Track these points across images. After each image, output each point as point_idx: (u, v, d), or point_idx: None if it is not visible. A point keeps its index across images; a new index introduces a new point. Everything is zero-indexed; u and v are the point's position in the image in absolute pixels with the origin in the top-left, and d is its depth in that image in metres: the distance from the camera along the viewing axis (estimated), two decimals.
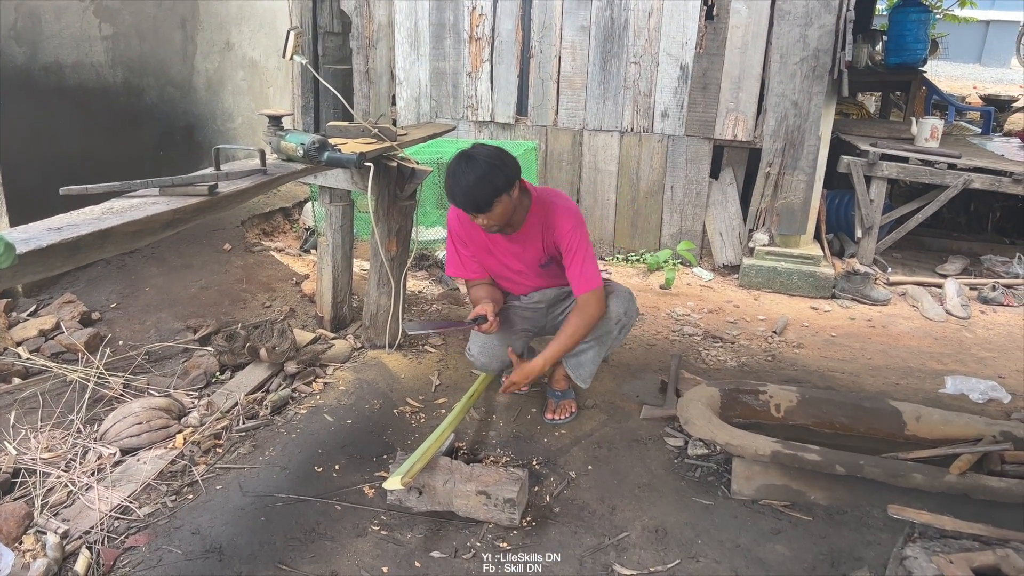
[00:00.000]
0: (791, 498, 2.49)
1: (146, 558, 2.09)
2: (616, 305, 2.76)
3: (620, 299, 2.79)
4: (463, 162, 2.42)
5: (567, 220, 2.63)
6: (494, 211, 2.46)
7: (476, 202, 2.42)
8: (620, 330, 2.82)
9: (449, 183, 2.45)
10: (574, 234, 2.62)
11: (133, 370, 3.05)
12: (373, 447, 2.74)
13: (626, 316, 2.80)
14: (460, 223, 2.73)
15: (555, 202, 2.66)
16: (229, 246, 4.31)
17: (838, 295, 4.59)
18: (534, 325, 2.91)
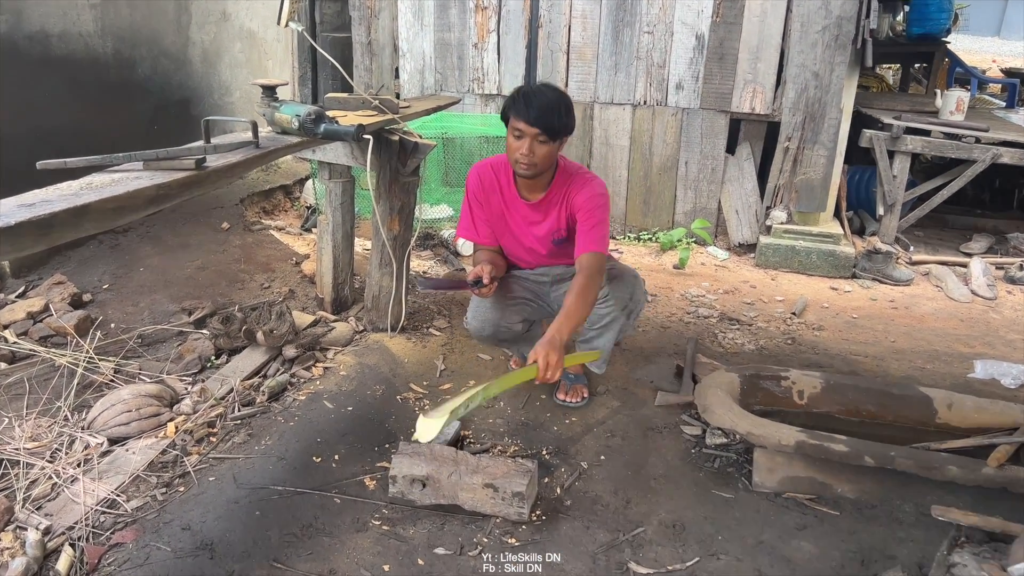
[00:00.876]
0: (817, 491, 2.35)
1: (132, 556, 1.97)
2: (622, 291, 2.62)
3: (625, 284, 2.64)
4: (542, 85, 2.45)
5: (589, 189, 2.55)
6: (552, 144, 2.39)
7: (551, 119, 2.34)
8: (629, 315, 2.67)
9: (525, 95, 2.36)
10: (593, 202, 2.53)
11: (125, 354, 2.92)
12: (375, 435, 2.60)
13: (632, 301, 2.64)
14: (482, 185, 2.64)
15: (582, 173, 2.61)
16: (227, 225, 4.17)
17: (859, 275, 4.42)
18: (534, 297, 2.76)
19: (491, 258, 2.67)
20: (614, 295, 2.60)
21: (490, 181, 2.63)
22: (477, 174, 2.66)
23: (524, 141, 2.37)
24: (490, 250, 2.73)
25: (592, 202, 2.53)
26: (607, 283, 2.60)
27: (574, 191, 2.55)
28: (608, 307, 2.60)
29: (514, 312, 2.70)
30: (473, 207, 2.68)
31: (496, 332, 2.71)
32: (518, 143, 2.39)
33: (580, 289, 2.37)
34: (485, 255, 2.69)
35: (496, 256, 2.72)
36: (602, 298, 2.59)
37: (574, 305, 2.36)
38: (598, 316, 2.62)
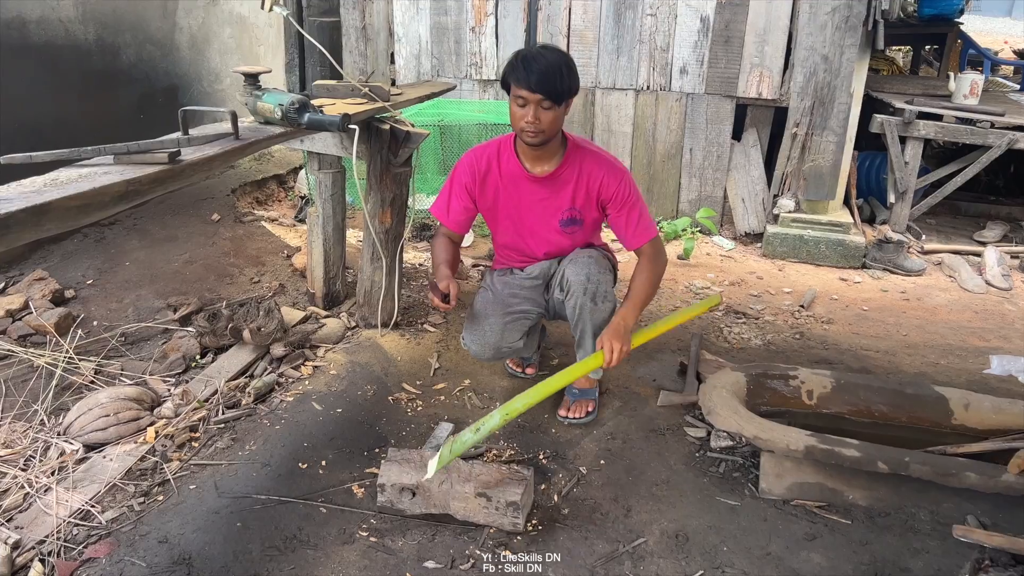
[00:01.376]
0: (827, 498, 2.24)
1: (106, 572, 1.87)
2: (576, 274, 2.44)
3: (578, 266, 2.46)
4: (541, 47, 2.28)
5: (614, 174, 2.43)
6: (557, 108, 2.26)
7: (554, 83, 2.20)
8: (595, 298, 2.43)
9: (524, 59, 2.21)
10: (626, 190, 2.43)
11: (107, 354, 2.82)
12: (364, 439, 2.50)
13: (591, 282, 2.42)
14: (472, 171, 2.50)
15: (594, 151, 2.47)
16: (218, 216, 4.05)
17: (869, 265, 4.28)
18: (532, 305, 2.61)
19: (449, 257, 2.51)
20: (572, 280, 2.45)
21: (485, 164, 2.48)
22: (469, 160, 2.52)
23: (528, 109, 2.23)
24: (452, 237, 2.59)
25: (625, 190, 2.43)
26: (565, 267, 2.48)
27: (592, 172, 2.42)
28: (573, 297, 2.45)
29: (514, 330, 2.53)
30: (454, 189, 2.53)
31: (497, 354, 2.57)
32: (522, 111, 2.25)
33: (644, 271, 2.43)
34: (444, 251, 2.52)
35: (454, 252, 2.58)
36: (565, 288, 2.47)
37: (639, 287, 2.41)
38: (570, 311, 2.48)
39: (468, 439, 2.12)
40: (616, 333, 2.31)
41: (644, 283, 2.44)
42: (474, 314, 2.58)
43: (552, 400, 2.73)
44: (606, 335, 2.31)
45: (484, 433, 2.13)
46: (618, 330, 2.32)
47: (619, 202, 2.44)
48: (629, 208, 2.45)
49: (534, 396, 2.20)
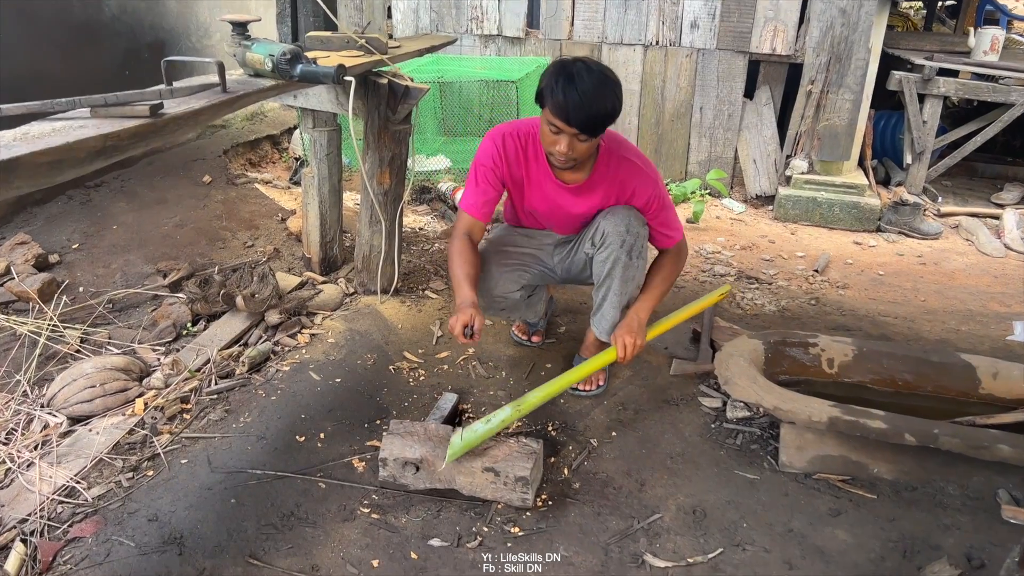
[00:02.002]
0: (850, 471, 2.13)
1: (92, 552, 1.77)
2: (615, 223, 2.25)
3: (618, 216, 2.27)
4: (584, 66, 1.98)
5: (647, 183, 2.27)
6: (594, 140, 2.06)
7: (594, 118, 1.98)
8: (630, 253, 2.27)
9: (564, 86, 1.95)
10: (655, 197, 2.29)
11: (93, 321, 2.69)
12: (365, 411, 2.38)
13: (629, 233, 2.25)
14: (504, 156, 2.25)
15: (631, 160, 2.26)
16: (209, 178, 3.89)
17: (884, 228, 4.15)
18: (534, 261, 2.48)
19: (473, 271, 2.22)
20: (609, 231, 2.27)
21: (513, 154, 2.25)
22: (495, 145, 2.25)
23: (562, 138, 2.03)
24: (474, 235, 2.31)
25: (657, 197, 2.28)
26: (600, 220, 2.30)
27: (626, 181, 2.25)
28: (607, 249, 2.28)
29: (510, 280, 2.42)
30: (480, 178, 2.29)
31: (490, 304, 2.43)
32: (555, 138, 2.04)
33: (664, 267, 2.36)
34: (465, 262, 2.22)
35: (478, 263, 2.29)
36: (599, 242, 2.31)
37: (658, 282, 2.35)
38: (599, 266, 2.32)
39: (480, 430, 2.01)
40: (630, 328, 2.24)
41: (663, 279, 2.36)
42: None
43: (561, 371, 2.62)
44: (620, 330, 2.25)
45: (496, 425, 2.03)
46: (632, 325, 2.25)
47: (651, 211, 2.31)
48: (659, 212, 2.32)
49: (547, 391, 2.13)
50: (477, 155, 2.30)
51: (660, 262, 2.39)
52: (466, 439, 1.98)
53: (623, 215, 2.27)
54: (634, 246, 2.28)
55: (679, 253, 2.40)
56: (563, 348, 2.79)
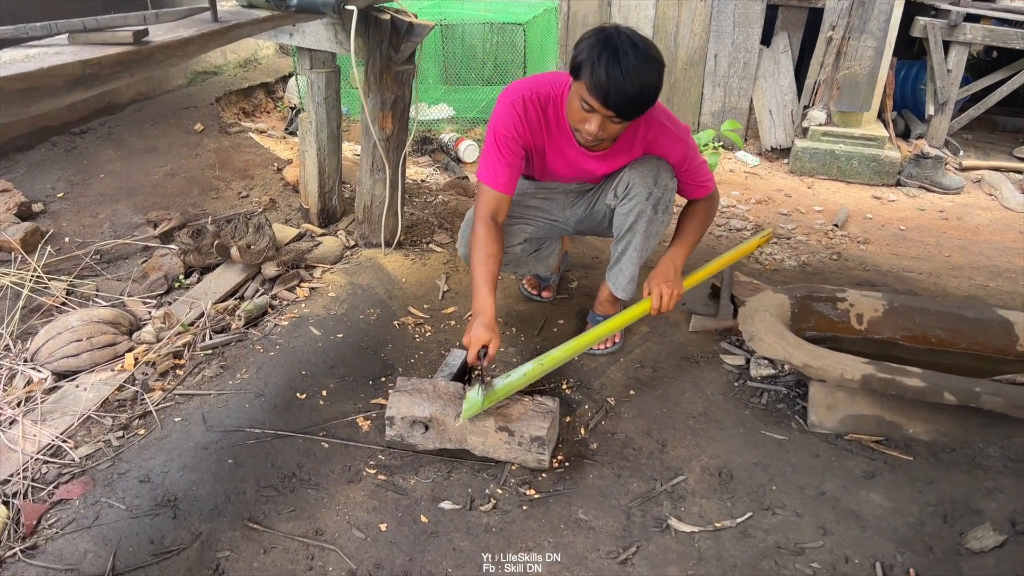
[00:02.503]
0: (884, 432, 2.02)
1: (79, 515, 1.65)
2: (643, 174, 2.09)
3: (646, 166, 2.10)
4: (630, 40, 1.76)
5: (678, 145, 2.10)
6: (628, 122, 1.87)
7: (635, 104, 1.78)
8: (656, 207, 2.13)
9: (607, 64, 1.73)
10: (686, 158, 2.13)
11: (79, 273, 2.54)
12: (369, 367, 2.26)
13: (658, 186, 2.10)
14: (525, 121, 2.03)
15: (661, 121, 2.05)
16: (201, 126, 3.71)
17: (903, 182, 3.99)
18: (542, 211, 2.33)
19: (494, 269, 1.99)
20: (635, 181, 2.11)
21: (535, 117, 2.03)
22: (519, 108, 2.01)
23: (594, 118, 1.83)
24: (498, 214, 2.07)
25: (689, 155, 2.12)
26: (626, 171, 2.14)
27: (655, 140, 2.07)
28: (631, 201, 2.13)
29: (511, 233, 2.25)
30: (501, 147, 2.04)
31: None
32: (585, 115, 1.84)
33: (698, 214, 2.22)
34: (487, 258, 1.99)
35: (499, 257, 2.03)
36: (622, 194, 2.15)
37: (691, 229, 2.20)
38: (621, 219, 2.18)
39: (499, 387, 1.89)
40: (665, 277, 2.10)
41: (696, 225, 2.22)
42: (468, 216, 2.31)
43: (573, 329, 2.50)
44: (655, 280, 2.10)
45: (516, 382, 1.91)
46: (667, 274, 2.10)
47: (682, 169, 2.15)
48: (690, 169, 2.16)
49: (572, 347, 2.02)
50: (494, 121, 2.06)
51: (693, 209, 2.24)
52: (484, 396, 1.85)
53: (651, 166, 2.11)
54: (661, 200, 2.12)
55: (712, 201, 2.25)
56: (576, 304, 2.65)
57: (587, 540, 1.69)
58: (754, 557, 1.66)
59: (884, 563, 1.64)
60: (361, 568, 1.60)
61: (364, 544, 1.65)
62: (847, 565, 1.64)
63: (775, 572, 1.62)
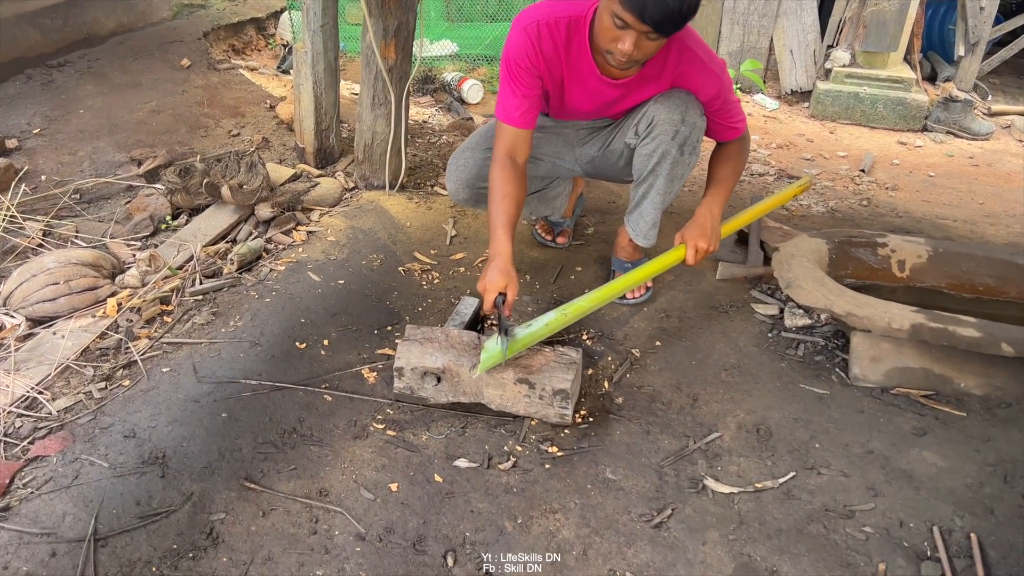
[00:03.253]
0: (933, 386, 1.87)
1: (57, 473, 1.49)
2: (669, 110, 1.88)
3: (674, 101, 1.89)
4: None
5: (712, 79, 1.87)
6: (664, 39, 1.65)
7: (674, 17, 1.56)
8: (683, 148, 1.93)
9: None
10: (719, 96, 1.91)
11: (57, 213, 2.35)
12: (373, 315, 2.09)
13: (685, 124, 1.89)
14: (539, 51, 1.82)
15: (693, 50, 1.83)
16: (188, 62, 3.47)
17: (930, 127, 3.80)
18: (549, 150, 2.15)
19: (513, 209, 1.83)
20: (660, 118, 1.90)
21: (550, 46, 1.82)
22: (533, 35, 1.81)
23: (627, 35, 1.61)
24: (517, 154, 1.89)
25: (723, 91, 1.90)
26: (650, 105, 1.93)
27: (685, 74, 1.86)
28: (654, 140, 1.92)
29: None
30: (515, 78, 1.85)
31: (473, 195, 2.08)
32: (617, 32, 1.62)
33: (731, 158, 2.01)
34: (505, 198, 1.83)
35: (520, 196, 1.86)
36: (644, 131, 1.94)
37: (726, 175, 1.99)
38: (643, 159, 1.97)
39: (522, 337, 1.72)
40: (702, 230, 1.91)
41: (732, 169, 2.01)
42: (461, 146, 2.12)
43: (592, 276, 2.33)
44: (690, 231, 1.91)
45: (538, 332, 1.74)
46: (704, 226, 1.91)
47: (714, 108, 1.93)
48: (723, 108, 1.94)
49: (599, 296, 1.84)
50: (507, 49, 1.85)
51: (725, 152, 2.02)
52: (506, 345, 1.69)
53: (679, 101, 1.89)
54: (688, 139, 1.92)
55: (745, 142, 2.05)
56: (593, 250, 2.48)
57: (617, 501, 1.55)
58: (800, 520, 1.51)
59: (942, 527, 1.50)
60: (371, 531, 1.45)
61: (373, 505, 1.50)
62: (902, 529, 1.50)
63: (824, 537, 1.48)
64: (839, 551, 1.45)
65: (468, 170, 2.06)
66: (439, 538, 1.44)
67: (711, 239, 1.90)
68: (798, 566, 1.42)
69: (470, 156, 2.07)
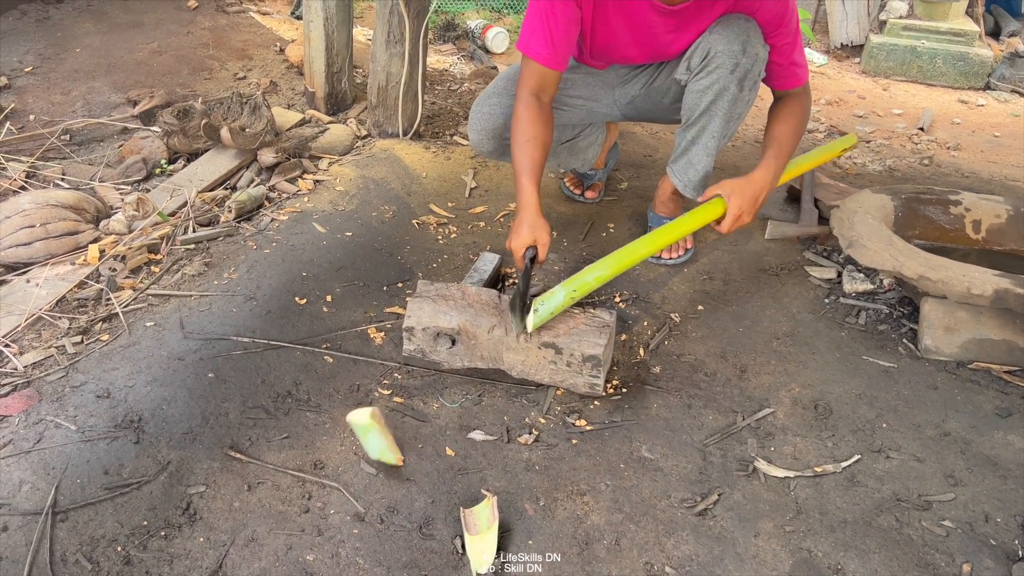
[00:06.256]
0: (1018, 361, 1.63)
1: (17, 436, 1.32)
2: (729, 40, 1.64)
3: (733, 29, 1.65)
4: None
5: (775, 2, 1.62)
6: None
7: None
8: (742, 84, 1.69)
9: None
10: (782, 15, 1.66)
11: (44, 155, 2.16)
12: (383, 271, 1.88)
13: (746, 56, 1.65)
14: None
15: None
16: (195, 3, 3.26)
17: (994, 86, 3.50)
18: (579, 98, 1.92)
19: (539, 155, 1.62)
20: (718, 49, 1.65)
21: None
22: None
23: None
24: (544, 94, 1.68)
25: (783, 18, 1.66)
26: (704, 36, 1.69)
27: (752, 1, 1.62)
28: (711, 75, 1.68)
29: None
30: (554, 6, 1.62)
31: (499, 145, 1.85)
32: None
33: (792, 117, 1.75)
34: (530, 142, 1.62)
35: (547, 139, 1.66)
36: (699, 65, 1.70)
37: (787, 137, 1.72)
38: (696, 96, 1.73)
39: (560, 297, 1.50)
40: (754, 197, 1.65)
41: (793, 130, 1.74)
42: (485, 91, 1.89)
43: (625, 234, 2.10)
44: (736, 191, 1.64)
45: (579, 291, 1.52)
46: (754, 194, 1.65)
47: (776, 33, 1.67)
48: (786, 40, 1.69)
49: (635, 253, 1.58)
50: None
51: (788, 107, 1.75)
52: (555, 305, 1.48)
53: (739, 29, 1.64)
54: (749, 73, 1.67)
55: (807, 97, 1.79)
56: (627, 206, 2.25)
57: (654, 484, 1.34)
58: (868, 511, 1.30)
59: None
60: (371, 511, 1.26)
61: (374, 482, 1.31)
62: (987, 524, 1.28)
63: (896, 531, 1.27)
64: (915, 548, 1.24)
65: (494, 118, 1.83)
66: (449, 520, 1.25)
67: (753, 208, 1.66)
68: (867, 564, 1.21)
69: (496, 103, 1.84)
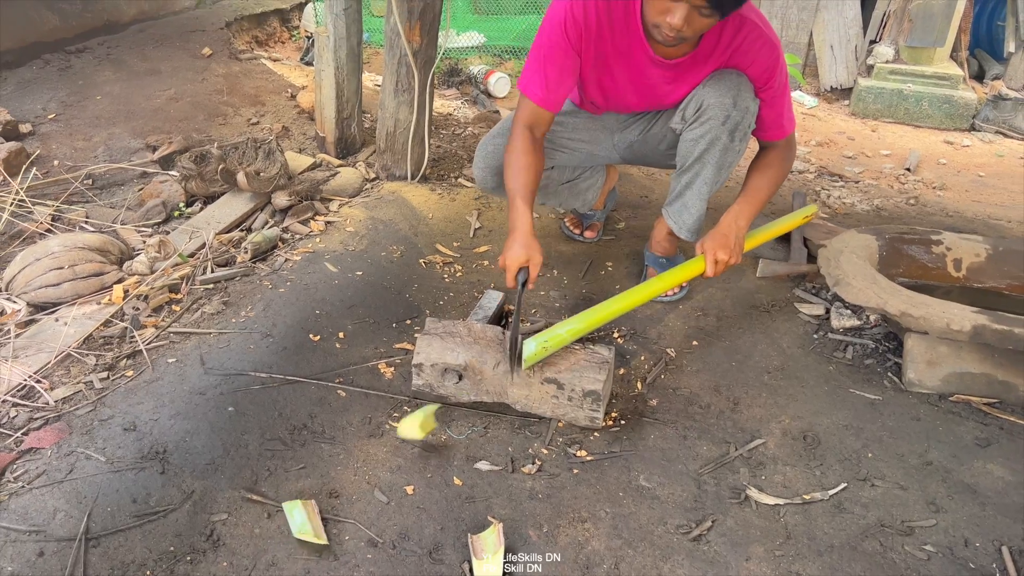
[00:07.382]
0: (996, 393, 1.72)
1: (51, 466, 1.39)
2: (720, 93, 1.74)
3: (725, 84, 1.75)
4: None
5: (767, 53, 1.73)
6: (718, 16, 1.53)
7: None
8: (733, 134, 1.79)
9: None
10: (773, 69, 1.76)
11: (68, 199, 2.27)
12: (392, 308, 1.98)
13: (737, 109, 1.76)
14: (585, 25, 1.70)
15: (750, 20, 1.70)
16: (210, 51, 3.40)
17: (978, 127, 3.62)
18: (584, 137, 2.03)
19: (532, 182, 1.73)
20: (711, 101, 1.76)
21: (595, 22, 1.70)
22: (579, 4, 1.69)
23: (678, 8, 1.49)
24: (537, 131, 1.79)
25: (778, 74, 1.76)
26: (698, 89, 1.79)
27: (741, 48, 1.72)
28: (703, 126, 1.79)
29: None
30: (549, 52, 1.73)
31: (501, 185, 1.92)
32: (667, 5, 1.51)
33: (771, 167, 1.86)
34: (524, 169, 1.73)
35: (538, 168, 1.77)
36: (692, 116, 1.81)
37: (762, 185, 1.83)
38: (689, 145, 1.84)
39: (561, 333, 1.60)
40: (725, 242, 1.76)
41: (770, 179, 1.85)
42: (490, 132, 2.01)
43: (623, 272, 2.20)
44: (713, 242, 1.76)
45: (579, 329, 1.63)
46: (727, 237, 1.77)
47: (766, 87, 1.78)
48: (775, 91, 1.79)
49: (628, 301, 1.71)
50: (547, 21, 1.73)
51: (767, 159, 1.87)
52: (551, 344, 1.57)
53: (731, 83, 1.75)
54: (739, 125, 1.78)
55: (790, 150, 1.90)
56: (625, 245, 2.35)
57: (651, 511, 1.42)
58: (853, 536, 1.37)
59: (1012, 547, 1.35)
60: (384, 537, 1.33)
61: (387, 509, 1.38)
62: (967, 548, 1.35)
63: (881, 555, 1.34)
64: (898, 571, 1.31)
65: (497, 157, 1.95)
66: (458, 546, 1.32)
67: (734, 251, 1.76)
68: None
69: (500, 143, 1.96)
